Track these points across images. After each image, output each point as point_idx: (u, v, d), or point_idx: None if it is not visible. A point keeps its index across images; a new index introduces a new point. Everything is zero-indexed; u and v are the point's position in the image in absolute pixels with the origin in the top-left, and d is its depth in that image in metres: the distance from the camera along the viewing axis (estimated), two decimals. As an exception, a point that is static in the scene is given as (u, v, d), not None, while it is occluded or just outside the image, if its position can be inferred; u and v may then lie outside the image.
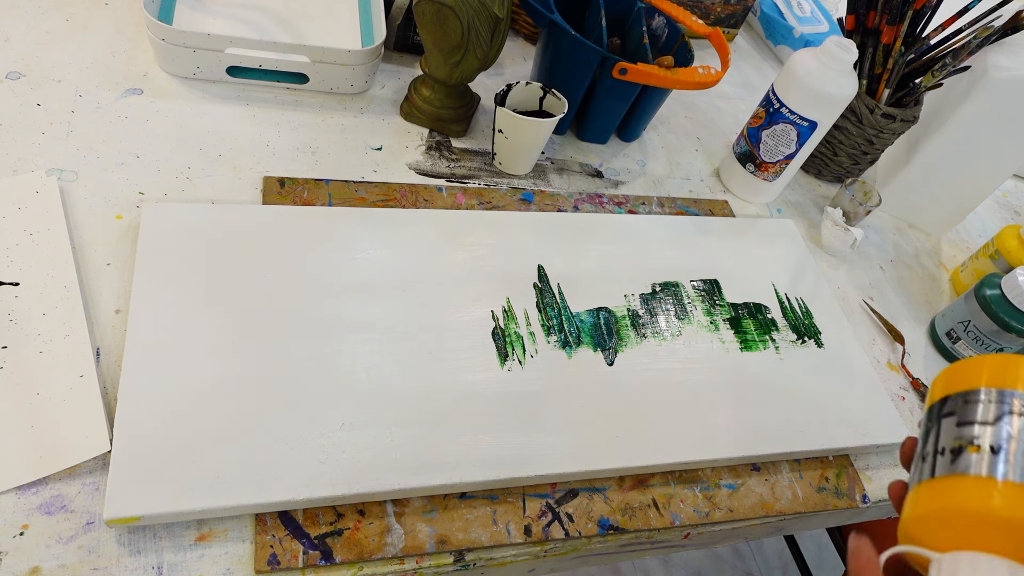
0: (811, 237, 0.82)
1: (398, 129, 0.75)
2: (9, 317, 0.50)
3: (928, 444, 0.34)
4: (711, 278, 0.70)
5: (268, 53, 0.69)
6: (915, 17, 0.76)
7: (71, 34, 0.71)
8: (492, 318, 0.60)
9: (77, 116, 0.64)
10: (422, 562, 0.48)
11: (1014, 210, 1.01)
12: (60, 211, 0.56)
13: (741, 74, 1.03)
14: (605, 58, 0.70)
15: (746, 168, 0.80)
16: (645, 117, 0.82)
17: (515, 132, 0.70)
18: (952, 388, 0.34)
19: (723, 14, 1.03)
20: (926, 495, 0.32)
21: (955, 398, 0.34)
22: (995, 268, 0.77)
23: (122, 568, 0.43)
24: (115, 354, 0.51)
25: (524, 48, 0.91)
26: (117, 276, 0.55)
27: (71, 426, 0.46)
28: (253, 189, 0.64)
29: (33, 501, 0.44)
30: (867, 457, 0.63)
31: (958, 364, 0.35)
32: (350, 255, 0.60)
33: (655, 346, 0.63)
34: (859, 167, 0.87)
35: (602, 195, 0.76)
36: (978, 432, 0.32)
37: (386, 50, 0.81)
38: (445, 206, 0.68)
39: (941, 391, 0.35)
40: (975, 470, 0.31)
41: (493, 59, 0.70)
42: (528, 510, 0.52)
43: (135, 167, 0.62)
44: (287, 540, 0.46)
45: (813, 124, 0.72)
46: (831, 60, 0.69)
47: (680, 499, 0.56)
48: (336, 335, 0.54)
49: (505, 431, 0.53)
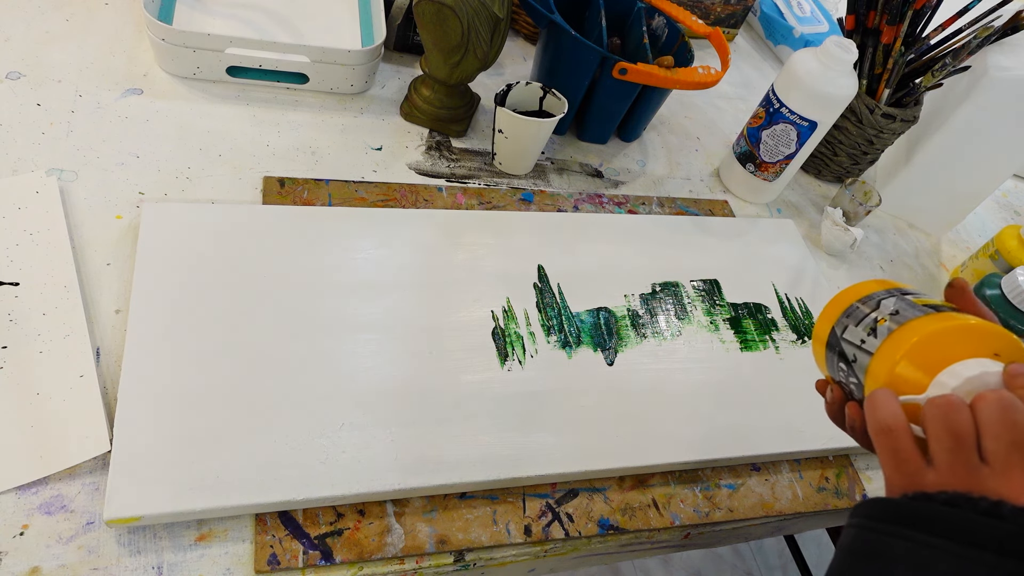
0: (811, 237, 0.82)
1: (398, 129, 0.75)
2: (9, 317, 0.50)
3: (848, 350, 0.40)
4: (711, 278, 0.70)
5: (268, 53, 0.69)
6: (915, 17, 0.76)
7: (71, 34, 0.71)
8: (492, 318, 0.60)
9: (77, 116, 0.64)
10: (422, 562, 0.48)
11: (1014, 210, 1.01)
12: (60, 211, 0.56)
13: (741, 74, 1.03)
14: (605, 58, 0.70)
15: (746, 168, 0.80)
16: (645, 117, 0.82)
17: (515, 132, 0.70)
18: (829, 322, 0.43)
19: (723, 14, 1.03)
20: (884, 361, 0.37)
21: (839, 322, 0.42)
22: (995, 268, 0.77)
23: (122, 568, 0.43)
24: (115, 354, 0.51)
25: (524, 48, 0.91)
26: (117, 276, 0.55)
27: (71, 426, 0.46)
28: (253, 189, 0.64)
29: (33, 501, 0.44)
30: (867, 457, 0.63)
31: (823, 313, 0.43)
32: (350, 255, 0.60)
33: (655, 346, 0.63)
34: (859, 167, 0.87)
35: (602, 195, 0.76)
36: (874, 315, 0.39)
37: (386, 50, 0.81)
38: (445, 206, 0.68)
39: (824, 327, 0.43)
40: (901, 323, 0.37)
41: (493, 59, 0.70)
42: (528, 510, 0.52)
43: (135, 167, 0.62)
44: (287, 540, 0.46)
45: (813, 124, 0.72)
46: (831, 60, 0.69)
47: (680, 499, 0.56)
48: (336, 335, 0.54)
49: (505, 431, 0.53)
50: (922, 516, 0.32)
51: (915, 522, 0.32)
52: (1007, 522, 0.30)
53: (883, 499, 0.34)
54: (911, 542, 0.31)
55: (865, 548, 0.33)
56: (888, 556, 0.32)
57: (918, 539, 0.31)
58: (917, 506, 0.32)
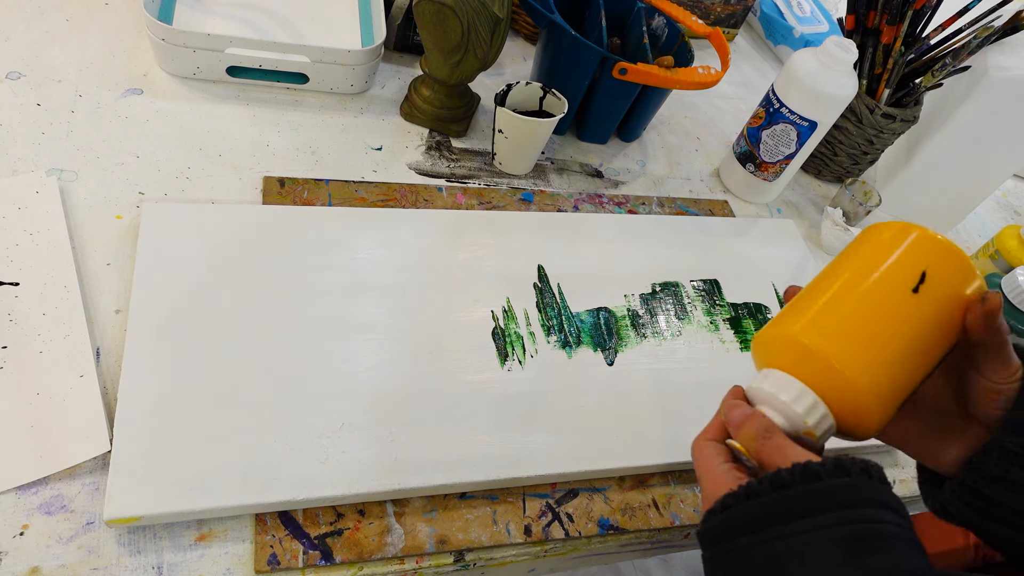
0: (811, 237, 0.82)
1: (398, 129, 0.75)
2: (9, 317, 0.50)
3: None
4: (711, 278, 0.70)
5: (268, 53, 0.69)
6: (915, 17, 0.76)
7: (71, 34, 0.71)
8: (492, 318, 0.60)
9: (77, 116, 0.64)
10: (422, 562, 0.48)
11: (1014, 210, 1.01)
12: (60, 211, 0.56)
13: (741, 74, 1.03)
14: (605, 58, 0.70)
15: (746, 168, 0.80)
16: (645, 117, 0.82)
17: (515, 132, 0.70)
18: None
19: (723, 14, 1.03)
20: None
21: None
22: (995, 268, 0.77)
23: (122, 568, 0.43)
24: (115, 354, 0.51)
25: (524, 48, 0.91)
26: (117, 276, 0.55)
27: (71, 426, 0.46)
28: (253, 189, 0.64)
29: (33, 501, 0.44)
30: (867, 457, 0.63)
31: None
32: (350, 255, 0.60)
33: (655, 346, 0.63)
34: (859, 167, 0.87)
35: (602, 195, 0.76)
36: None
37: (386, 50, 0.81)
38: (445, 206, 0.68)
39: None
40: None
41: (493, 59, 0.70)
42: (528, 510, 0.52)
43: (135, 167, 0.62)
44: (287, 540, 0.46)
45: (813, 124, 0.72)
46: (831, 60, 0.69)
47: (680, 499, 0.56)
48: (336, 335, 0.54)
49: (505, 431, 0.53)
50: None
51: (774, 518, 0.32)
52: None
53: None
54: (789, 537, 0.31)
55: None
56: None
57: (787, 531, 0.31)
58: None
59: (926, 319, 0.34)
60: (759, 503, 0.32)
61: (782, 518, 0.31)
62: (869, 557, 0.29)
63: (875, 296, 0.34)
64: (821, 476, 0.31)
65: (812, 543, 0.30)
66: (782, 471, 0.32)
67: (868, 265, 0.35)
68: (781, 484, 0.31)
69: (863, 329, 0.34)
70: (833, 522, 0.30)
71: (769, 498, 0.31)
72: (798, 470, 0.31)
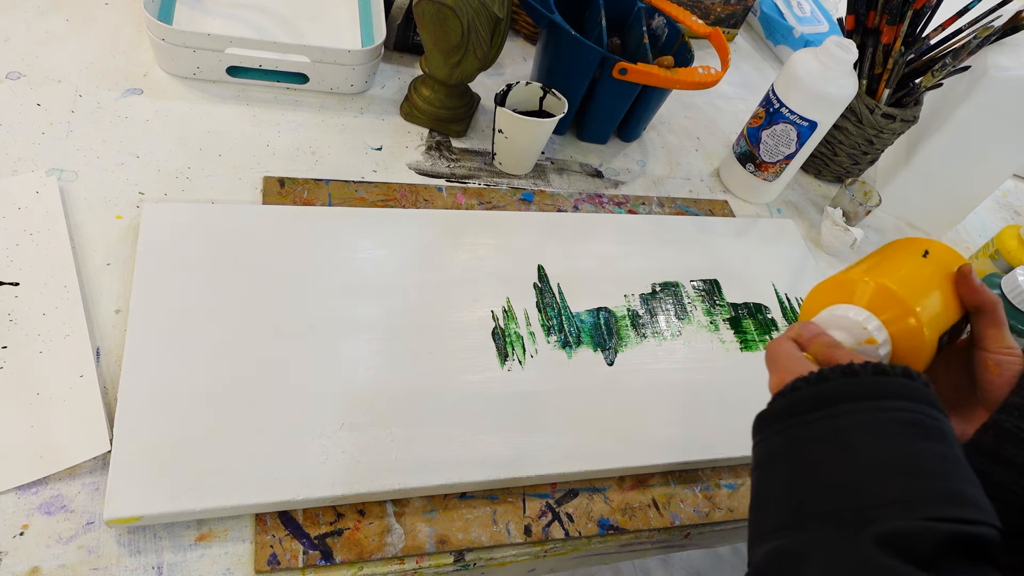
0: (811, 237, 0.82)
1: (398, 129, 0.75)
2: (9, 317, 0.50)
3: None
4: (711, 278, 0.70)
5: (268, 53, 0.69)
6: (915, 17, 0.76)
7: (71, 34, 0.71)
8: (492, 318, 0.60)
9: (77, 116, 0.64)
10: (422, 562, 0.48)
11: (1014, 210, 1.01)
12: (60, 211, 0.56)
13: (741, 74, 1.03)
14: (605, 58, 0.70)
15: (746, 168, 0.80)
16: (645, 117, 0.82)
17: (515, 132, 0.70)
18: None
19: (723, 14, 1.03)
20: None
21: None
22: (995, 268, 0.77)
23: (122, 568, 0.43)
24: (115, 354, 0.51)
25: (524, 48, 0.91)
26: (117, 276, 0.55)
27: (71, 426, 0.46)
28: (253, 189, 0.64)
29: (33, 501, 0.44)
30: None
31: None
32: (350, 255, 0.60)
33: (655, 346, 0.63)
34: (859, 167, 0.87)
35: (602, 195, 0.76)
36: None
37: (386, 50, 0.81)
38: (445, 206, 0.68)
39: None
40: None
41: (493, 59, 0.70)
42: (528, 510, 0.52)
43: (135, 167, 0.62)
44: (287, 540, 0.46)
45: (813, 124, 0.72)
46: (831, 60, 0.69)
47: (680, 499, 0.56)
48: (336, 335, 0.54)
49: (505, 431, 0.53)
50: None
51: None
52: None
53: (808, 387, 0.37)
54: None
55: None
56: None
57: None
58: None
59: (935, 273, 0.43)
60: (830, 384, 0.35)
61: (850, 399, 0.34)
62: (931, 443, 0.32)
63: (902, 259, 0.45)
64: (888, 372, 0.34)
65: (878, 421, 0.33)
66: (853, 363, 0.35)
67: (891, 249, 0.47)
68: (852, 372, 0.35)
69: (903, 276, 0.43)
70: (898, 408, 0.33)
71: (840, 382, 0.35)
72: (869, 365, 0.35)
